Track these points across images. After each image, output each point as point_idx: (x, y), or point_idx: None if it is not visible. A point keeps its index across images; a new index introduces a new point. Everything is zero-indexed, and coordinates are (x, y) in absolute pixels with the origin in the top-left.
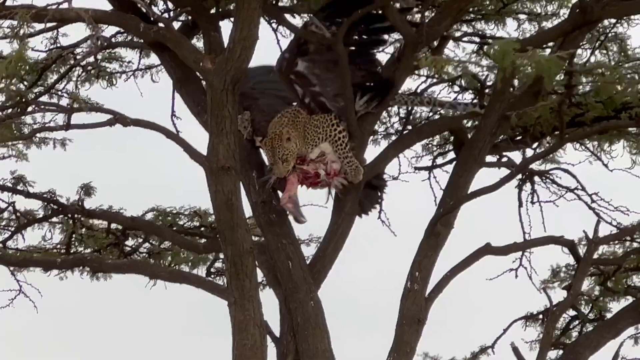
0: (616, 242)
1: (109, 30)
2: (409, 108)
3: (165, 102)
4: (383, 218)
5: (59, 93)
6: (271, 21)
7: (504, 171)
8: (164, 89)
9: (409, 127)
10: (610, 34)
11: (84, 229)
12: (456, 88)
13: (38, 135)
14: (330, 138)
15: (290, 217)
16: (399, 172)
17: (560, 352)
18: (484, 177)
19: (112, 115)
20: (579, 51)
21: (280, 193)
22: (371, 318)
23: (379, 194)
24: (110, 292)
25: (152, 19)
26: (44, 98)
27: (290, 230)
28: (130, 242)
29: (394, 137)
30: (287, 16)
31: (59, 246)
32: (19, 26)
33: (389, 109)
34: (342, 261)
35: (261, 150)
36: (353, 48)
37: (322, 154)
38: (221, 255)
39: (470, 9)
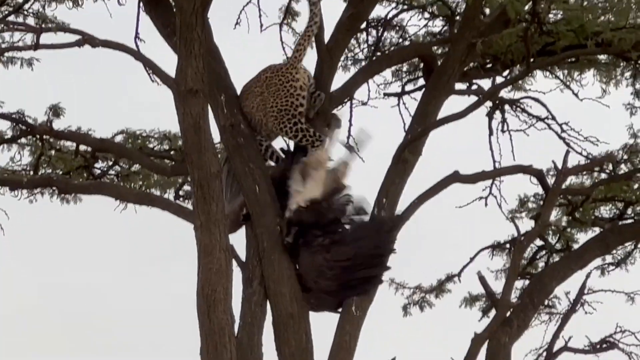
0: (585, 172)
1: None
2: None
3: (132, 26)
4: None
5: (25, 12)
6: None
7: (475, 99)
8: (131, 11)
9: (378, 54)
10: None
11: (53, 151)
12: (427, 15)
13: (5, 54)
14: None
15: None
16: (368, 97)
17: (527, 282)
18: (454, 105)
19: (81, 35)
20: None
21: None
22: None
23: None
24: (77, 215)
25: None
26: (11, 18)
27: (258, 155)
28: (99, 165)
29: (363, 64)
30: None
31: (27, 168)
32: None
33: (357, 35)
34: None
35: None
36: None
37: None
38: (189, 179)
39: None
